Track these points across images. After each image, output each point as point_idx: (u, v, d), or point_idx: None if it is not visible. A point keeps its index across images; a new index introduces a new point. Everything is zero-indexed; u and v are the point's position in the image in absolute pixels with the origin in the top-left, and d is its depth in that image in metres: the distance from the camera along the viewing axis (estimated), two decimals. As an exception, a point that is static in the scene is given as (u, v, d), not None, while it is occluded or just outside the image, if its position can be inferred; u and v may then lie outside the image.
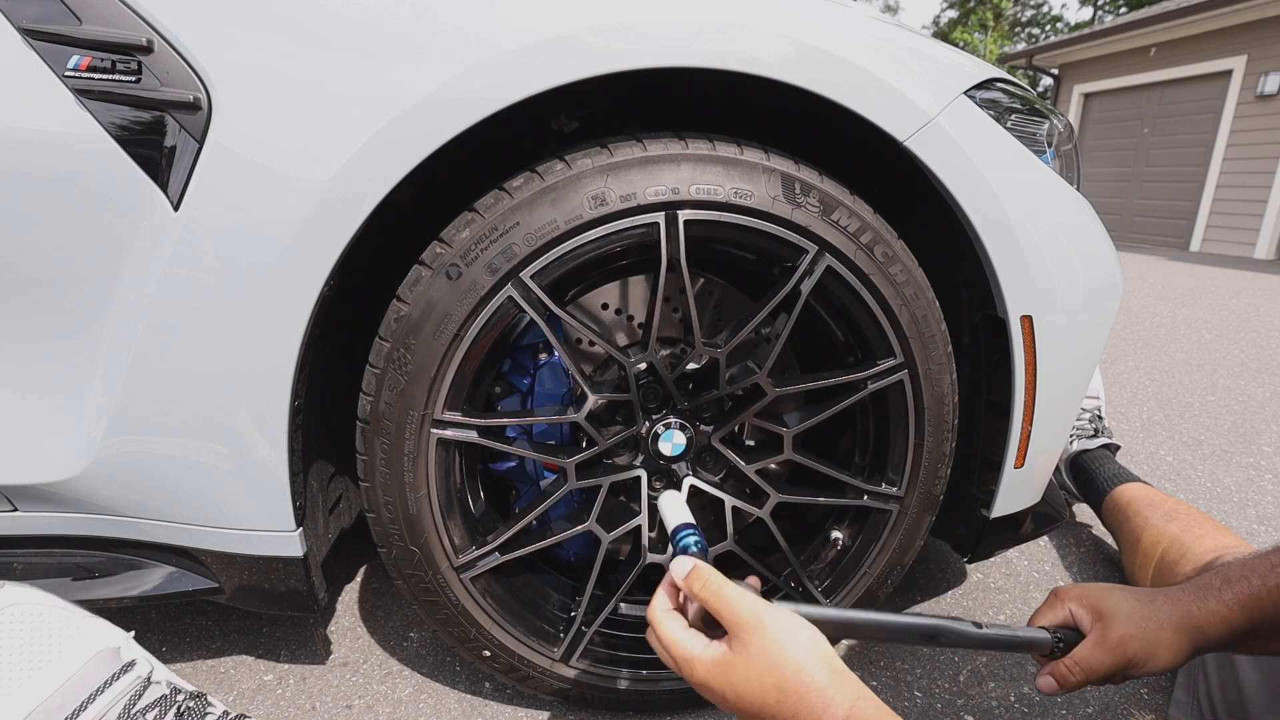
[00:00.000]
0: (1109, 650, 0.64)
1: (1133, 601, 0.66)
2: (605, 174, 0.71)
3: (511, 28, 0.66)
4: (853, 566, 0.92)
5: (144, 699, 0.69)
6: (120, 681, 0.69)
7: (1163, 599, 0.66)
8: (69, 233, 0.68)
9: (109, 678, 0.69)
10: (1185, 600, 0.65)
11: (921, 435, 0.85)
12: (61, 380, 0.73)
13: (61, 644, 0.69)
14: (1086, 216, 0.88)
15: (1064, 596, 0.70)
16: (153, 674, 0.72)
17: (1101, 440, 1.44)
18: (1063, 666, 0.66)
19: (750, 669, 0.52)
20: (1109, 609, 0.66)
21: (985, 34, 28.76)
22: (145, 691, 0.70)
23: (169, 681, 0.73)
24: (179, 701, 0.71)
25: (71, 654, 0.68)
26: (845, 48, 0.72)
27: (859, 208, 0.77)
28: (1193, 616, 0.64)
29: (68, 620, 0.71)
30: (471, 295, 0.71)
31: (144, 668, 0.72)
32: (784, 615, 0.55)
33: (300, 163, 0.66)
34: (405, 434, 0.74)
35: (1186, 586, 0.67)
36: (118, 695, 0.68)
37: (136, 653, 0.73)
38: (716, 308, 0.95)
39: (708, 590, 0.56)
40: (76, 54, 0.65)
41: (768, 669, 0.52)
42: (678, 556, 0.62)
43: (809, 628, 0.55)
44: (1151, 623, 0.65)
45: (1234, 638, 0.64)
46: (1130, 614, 0.65)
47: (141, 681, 0.70)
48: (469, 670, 0.99)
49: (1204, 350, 3.06)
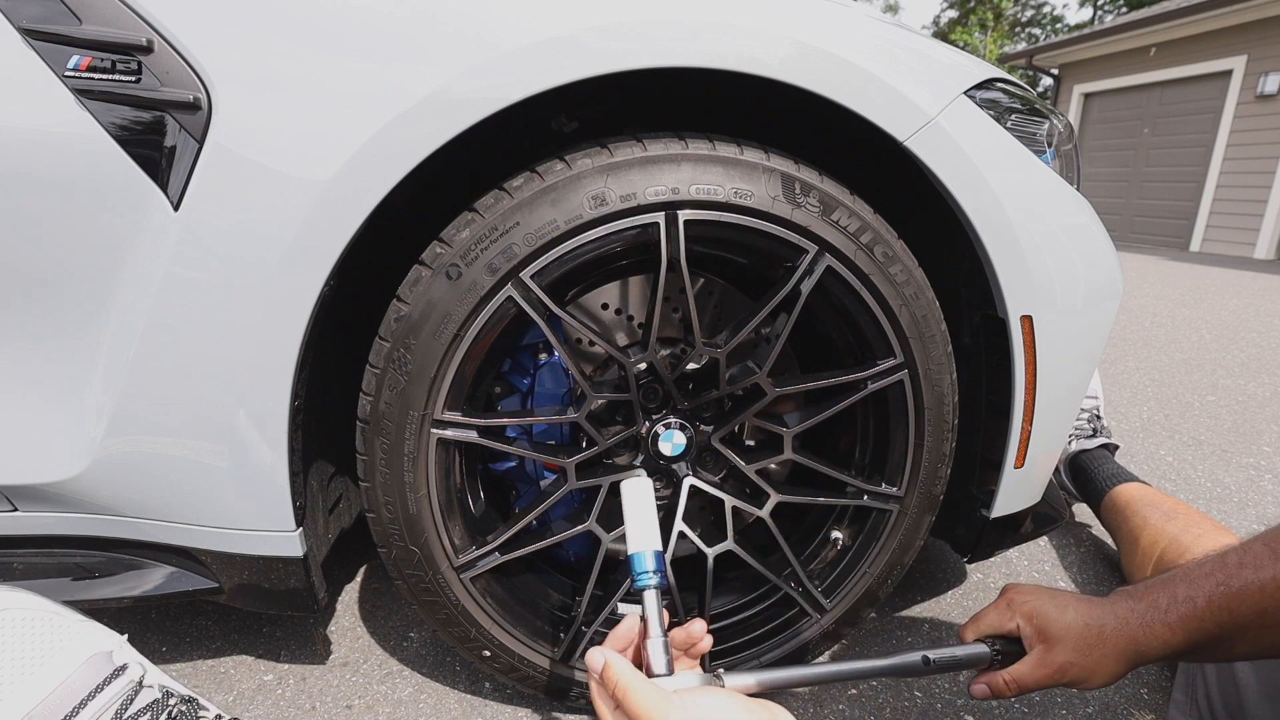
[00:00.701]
0: (1048, 673, 0.67)
1: (1080, 627, 0.67)
2: (605, 174, 0.71)
3: (511, 28, 0.66)
4: (853, 566, 0.92)
5: (136, 703, 0.69)
6: (112, 686, 0.69)
7: (1112, 623, 0.66)
8: (69, 233, 0.68)
9: (100, 682, 0.68)
10: (1133, 624, 0.65)
11: (921, 435, 0.85)
12: (62, 380, 0.73)
13: (54, 649, 0.68)
14: (1086, 216, 0.88)
15: (1015, 607, 0.71)
16: (145, 678, 0.72)
17: (1100, 440, 1.44)
18: (1000, 679, 0.69)
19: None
20: (1056, 633, 0.67)
21: (985, 34, 28.76)
22: (137, 696, 0.70)
23: (161, 685, 0.73)
24: (171, 706, 0.71)
25: (64, 659, 0.68)
26: (845, 48, 0.72)
27: (859, 208, 0.77)
28: (1136, 641, 0.65)
29: (61, 625, 0.71)
30: (471, 295, 0.71)
31: (136, 671, 0.72)
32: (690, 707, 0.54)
33: (300, 163, 0.66)
34: (405, 434, 0.74)
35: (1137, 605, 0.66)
36: (109, 700, 0.68)
37: (129, 656, 0.73)
38: (716, 308, 0.95)
39: (620, 691, 0.56)
40: (76, 54, 0.65)
41: None
42: (591, 649, 0.62)
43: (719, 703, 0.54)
44: (1095, 651, 0.66)
45: (1171, 657, 0.65)
46: (1076, 642, 0.66)
47: (134, 686, 0.70)
48: (469, 670, 0.99)
49: (1204, 350, 3.06)
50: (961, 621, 1.11)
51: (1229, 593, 0.60)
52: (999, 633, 0.73)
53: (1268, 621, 0.59)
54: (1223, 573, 0.62)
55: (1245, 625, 0.60)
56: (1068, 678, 0.67)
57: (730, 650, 0.91)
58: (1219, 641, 0.62)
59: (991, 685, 0.70)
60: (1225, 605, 0.60)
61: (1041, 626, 0.69)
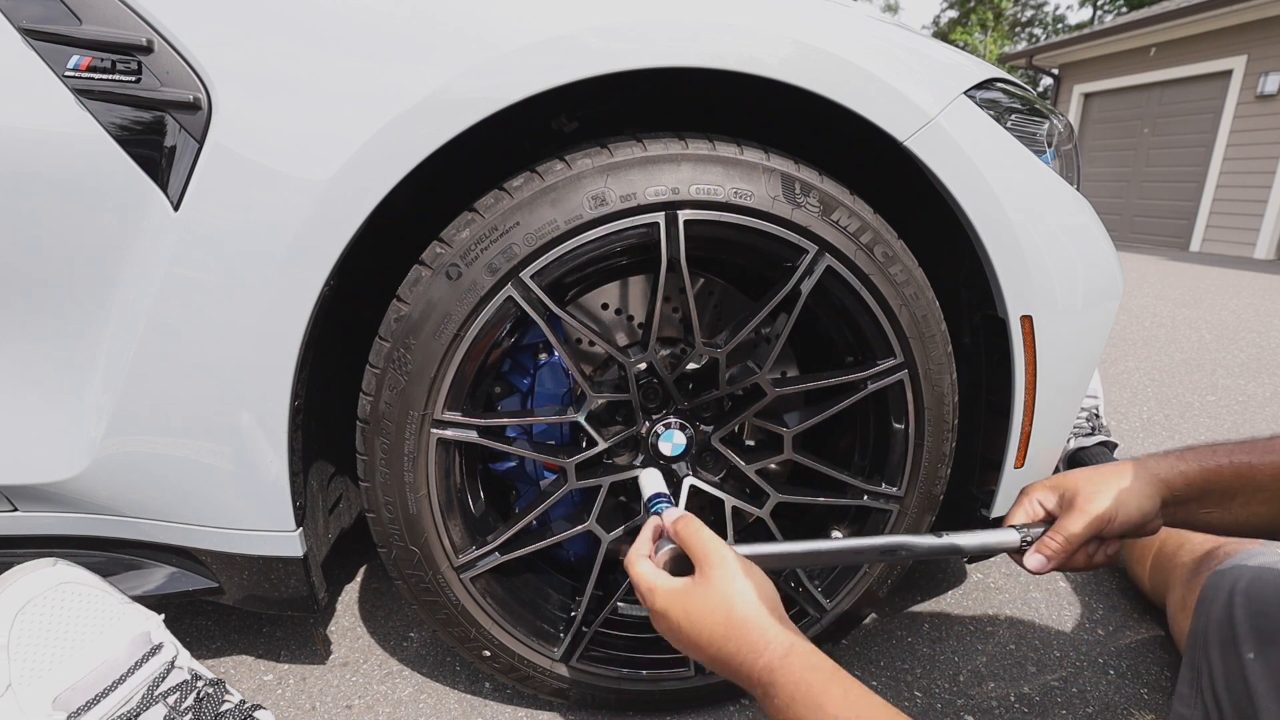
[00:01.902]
0: (1080, 512, 0.69)
1: (1092, 472, 0.72)
2: (605, 174, 0.71)
3: (511, 28, 0.66)
4: (853, 566, 0.92)
5: (167, 682, 0.73)
6: (148, 665, 0.73)
7: (1126, 464, 0.72)
8: (69, 233, 0.68)
9: (138, 660, 0.73)
10: (1149, 462, 0.71)
11: (921, 435, 0.85)
12: (62, 380, 0.73)
13: (101, 625, 0.73)
14: (1086, 216, 0.88)
15: (1030, 491, 0.75)
16: (177, 658, 0.76)
17: (1099, 438, 1.45)
18: (1045, 539, 0.70)
19: (706, 600, 0.58)
20: (1072, 485, 0.71)
21: (985, 34, 28.76)
22: (169, 674, 0.74)
23: (190, 668, 0.77)
24: (199, 687, 0.75)
25: (109, 636, 0.73)
26: (845, 48, 0.72)
27: (859, 208, 0.77)
28: (1154, 470, 0.70)
29: (109, 603, 0.75)
30: (471, 295, 0.71)
31: (170, 652, 0.76)
32: (745, 563, 0.61)
33: (300, 163, 0.66)
34: (405, 434, 0.74)
35: (1152, 455, 0.73)
36: (144, 678, 0.72)
37: (164, 637, 0.77)
38: (716, 308, 0.95)
39: (689, 530, 0.63)
40: (76, 54, 0.65)
41: (722, 602, 0.57)
42: (669, 507, 0.69)
43: (765, 579, 0.61)
44: (1113, 479, 0.70)
45: (1191, 492, 0.69)
46: (1091, 479, 0.71)
47: (166, 665, 0.74)
48: (469, 670, 0.99)
49: (1204, 350, 3.06)
50: (961, 621, 1.11)
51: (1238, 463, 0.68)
52: (1032, 520, 0.73)
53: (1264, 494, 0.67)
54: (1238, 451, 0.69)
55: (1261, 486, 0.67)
56: (1100, 510, 0.68)
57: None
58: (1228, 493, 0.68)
59: (1040, 550, 0.69)
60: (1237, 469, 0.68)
61: (1058, 485, 0.72)
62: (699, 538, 0.63)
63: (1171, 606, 1.00)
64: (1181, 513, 0.71)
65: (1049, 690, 0.97)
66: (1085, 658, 1.04)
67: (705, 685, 0.90)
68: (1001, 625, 1.11)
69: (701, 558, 0.61)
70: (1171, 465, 0.71)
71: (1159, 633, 1.08)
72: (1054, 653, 1.05)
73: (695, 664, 0.89)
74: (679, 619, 0.59)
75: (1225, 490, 0.69)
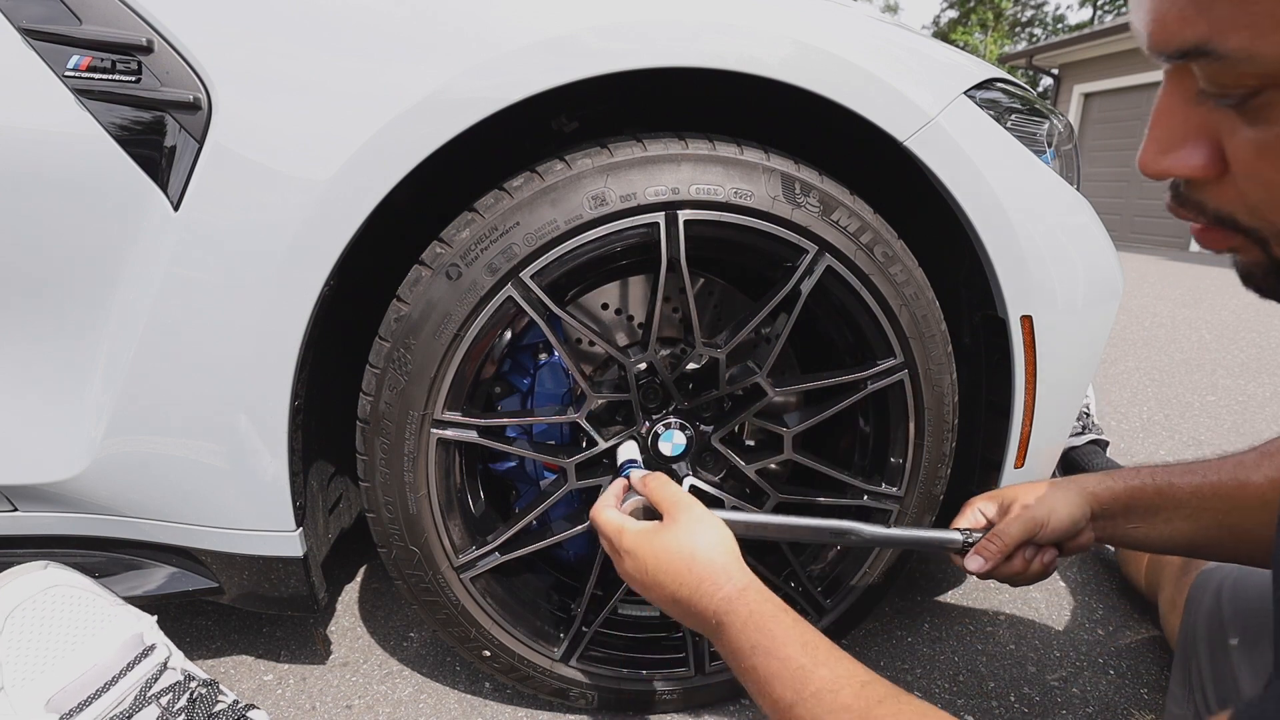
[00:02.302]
0: (1015, 518, 0.73)
1: (1030, 485, 0.77)
2: (605, 174, 0.71)
3: (511, 28, 0.66)
4: (853, 567, 0.92)
5: (160, 683, 0.73)
6: (140, 666, 0.73)
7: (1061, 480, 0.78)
8: (69, 233, 0.68)
9: (130, 662, 0.73)
10: (1081, 479, 0.77)
11: (921, 435, 0.85)
12: (62, 380, 0.73)
13: (92, 628, 0.73)
14: (1086, 216, 0.88)
15: (973, 501, 0.79)
16: (170, 660, 0.76)
17: (1089, 436, 1.45)
18: (983, 541, 0.74)
19: (674, 539, 0.62)
20: (1011, 495, 0.77)
21: (985, 34, 28.77)
22: (161, 676, 0.74)
23: (184, 669, 0.76)
24: (192, 688, 0.74)
25: (101, 638, 0.73)
26: (845, 48, 0.72)
27: (859, 208, 0.77)
28: (1085, 485, 0.76)
29: (100, 605, 0.75)
30: (471, 295, 0.71)
31: (162, 653, 0.76)
32: (709, 513, 0.66)
33: (300, 163, 0.66)
34: (405, 434, 0.74)
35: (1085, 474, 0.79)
36: (137, 679, 0.72)
37: (157, 638, 0.77)
38: (716, 308, 0.94)
39: (654, 483, 0.68)
40: (76, 54, 0.65)
41: (688, 541, 0.62)
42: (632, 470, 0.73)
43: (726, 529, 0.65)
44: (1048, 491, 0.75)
45: (1118, 506, 0.75)
46: (1028, 490, 0.76)
47: (159, 666, 0.74)
48: (469, 670, 0.99)
49: (1204, 350, 3.06)
50: (961, 621, 1.11)
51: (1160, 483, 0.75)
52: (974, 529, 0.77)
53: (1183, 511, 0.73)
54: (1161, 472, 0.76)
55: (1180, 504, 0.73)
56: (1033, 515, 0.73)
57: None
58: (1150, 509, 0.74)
59: (980, 551, 0.73)
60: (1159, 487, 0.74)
61: (1005, 501, 0.77)
62: (666, 489, 0.67)
63: (1163, 606, 1.01)
64: (1110, 526, 0.76)
65: (1049, 690, 0.97)
66: (1085, 658, 1.04)
67: (705, 685, 0.90)
68: (1001, 625, 1.11)
69: (670, 505, 0.65)
70: (1100, 481, 0.77)
71: (1158, 633, 1.08)
72: (1054, 653, 1.05)
73: (695, 663, 0.89)
74: (646, 557, 0.63)
75: (1148, 507, 0.74)
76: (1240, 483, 0.70)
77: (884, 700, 0.49)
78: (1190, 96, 0.35)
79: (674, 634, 0.92)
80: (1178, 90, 0.35)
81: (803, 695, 0.52)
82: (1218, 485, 0.71)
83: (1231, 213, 0.36)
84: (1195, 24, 0.31)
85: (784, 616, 0.57)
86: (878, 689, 0.51)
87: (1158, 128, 0.36)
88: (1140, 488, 0.75)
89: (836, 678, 0.52)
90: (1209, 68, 0.32)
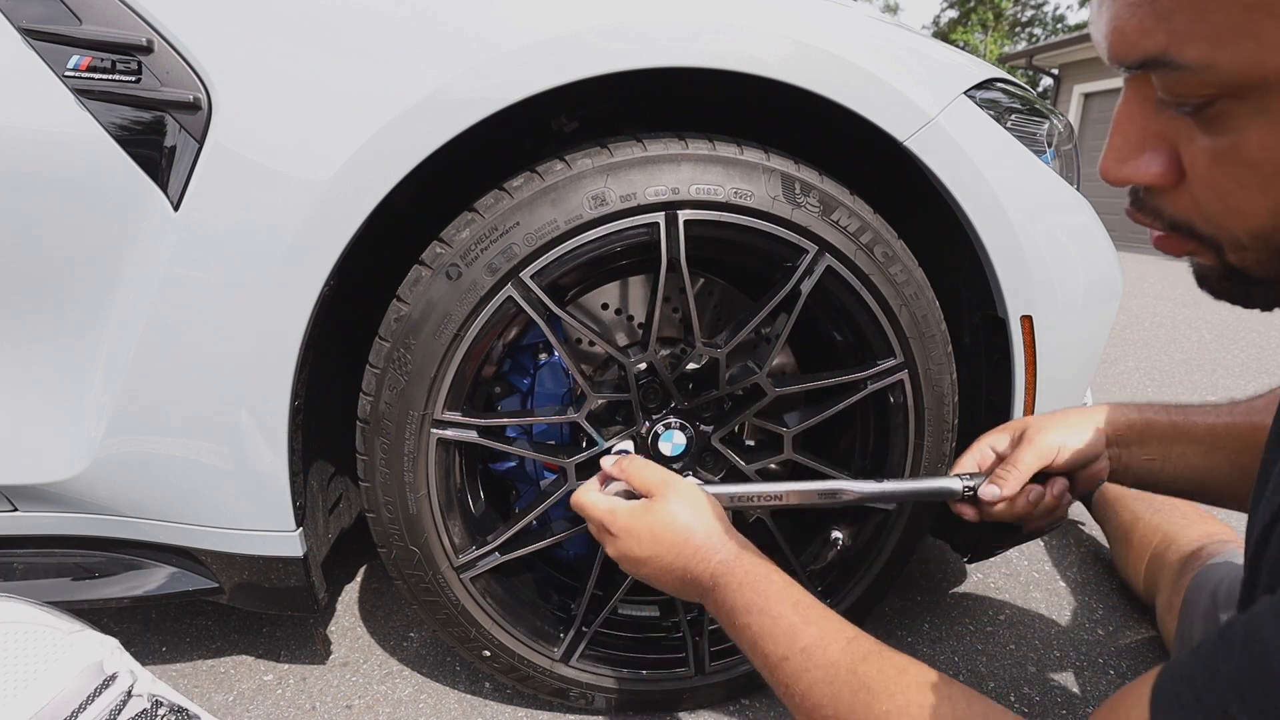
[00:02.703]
0: (1030, 443, 0.71)
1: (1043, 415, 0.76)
2: (605, 174, 0.71)
3: (511, 28, 0.66)
4: (853, 566, 0.92)
5: (125, 712, 0.70)
6: (102, 698, 0.69)
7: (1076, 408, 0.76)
8: (69, 233, 0.68)
9: (90, 693, 0.69)
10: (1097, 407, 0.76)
11: (921, 435, 0.85)
12: (62, 380, 0.73)
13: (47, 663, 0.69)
14: (1086, 216, 0.88)
15: (983, 437, 0.77)
16: (134, 686, 0.73)
17: None
18: (997, 471, 0.72)
19: (666, 513, 0.65)
20: (1022, 424, 0.75)
21: (985, 34, 28.77)
22: (126, 705, 0.71)
23: (152, 694, 0.73)
24: (159, 716, 0.72)
25: (57, 673, 0.69)
26: (845, 48, 0.72)
27: (859, 208, 0.77)
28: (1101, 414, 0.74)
29: (54, 638, 0.71)
30: (471, 295, 0.71)
31: (125, 680, 0.72)
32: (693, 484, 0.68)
33: (300, 163, 0.66)
34: (405, 434, 0.74)
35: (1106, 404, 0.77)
36: (100, 711, 0.69)
37: (119, 664, 0.73)
38: (716, 308, 0.94)
39: (634, 466, 0.69)
40: (76, 54, 0.65)
41: (682, 513, 0.64)
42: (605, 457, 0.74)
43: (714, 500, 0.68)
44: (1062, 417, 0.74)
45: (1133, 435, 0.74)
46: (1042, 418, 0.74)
47: (122, 696, 0.71)
48: (469, 670, 0.99)
49: (1204, 350, 3.06)
50: (961, 621, 1.11)
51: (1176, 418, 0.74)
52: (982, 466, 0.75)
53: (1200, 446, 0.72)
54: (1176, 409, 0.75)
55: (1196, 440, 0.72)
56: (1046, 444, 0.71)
57: (730, 650, 0.90)
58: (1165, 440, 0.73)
59: (996, 481, 0.71)
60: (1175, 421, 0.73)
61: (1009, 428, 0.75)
62: (646, 470, 0.69)
63: (1160, 609, 1.01)
64: (1125, 456, 0.74)
65: (1049, 690, 0.97)
66: (1085, 658, 1.04)
67: (705, 685, 0.90)
68: (1001, 625, 1.11)
69: (655, 484, 0.67)
70: (1117, 409, 0.75)
71: (1157, 633, 1.08)
72: (1054, 653, 1.05)
73: (695, 664, 0.89)
74: (642, 532, 0.65)
75: (1164, 437, 0.73)
76: (1254, 425, 0.69)
77: (868, 656, 0.52)
78: (1149, 105, 0.35)
79: (674, 634, 0.92)
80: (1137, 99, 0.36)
81: (793, 650, 0.54)
82: (1232, 425, 0.71)
83: (1188, 219, 0.37)
84: (1154, 35, 0.31)
85: (776, 578, 0.60)
86: (863, 644, 0.53)
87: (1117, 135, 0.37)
88: (1155, 419, 0.74)
89: (825, 634, 0.54)
90: (1167, 78, 0.32)
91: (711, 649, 0.88)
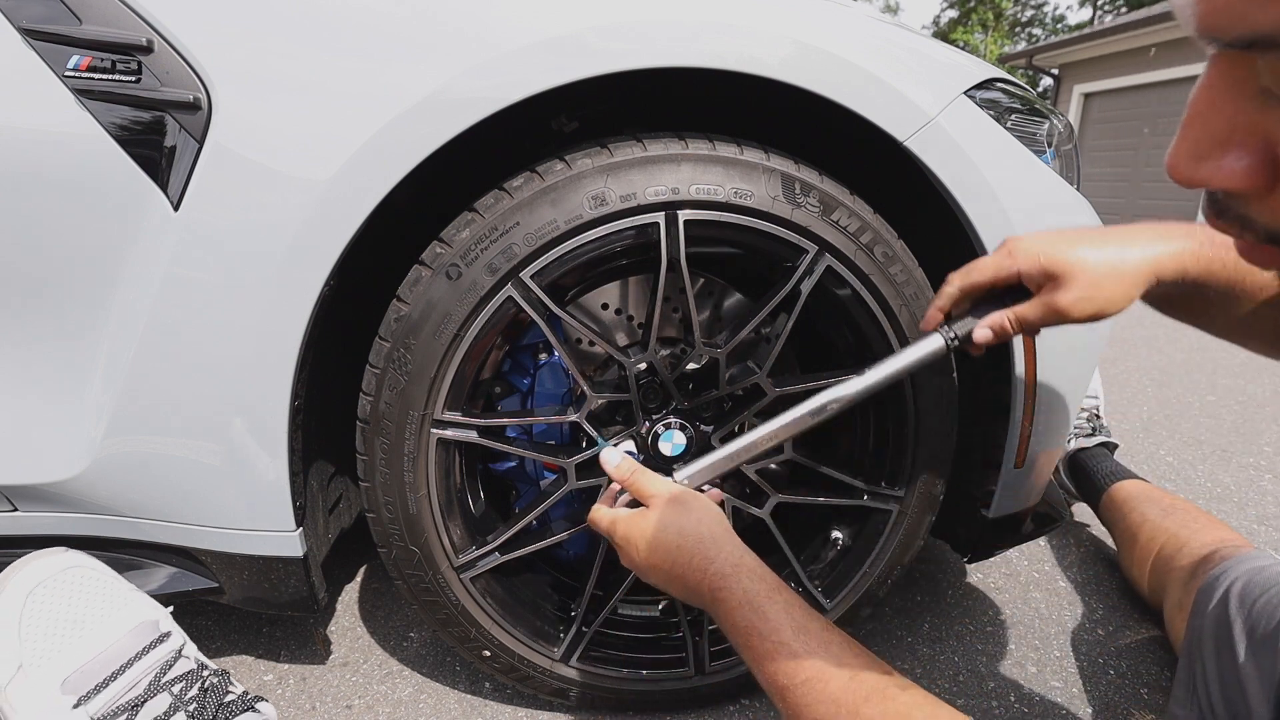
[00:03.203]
0: (1054, 311, 0.63)
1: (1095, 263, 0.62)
2: (605, 174, 0.71)
3: (511, 28, 0.66)
4: (853, 566, 0.92)
5: (173, 670, 0.74)
6: (155, 651, 0.74)
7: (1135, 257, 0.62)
8: (69, 233, 0.68)
9: (145, 646, 0.73)
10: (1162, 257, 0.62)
11: (921, 435, 0.85)
12: (62, 380, 0.73)
13: (109, 610, 0.74)
14: (1086, 216, 0.87)
15: (1017, 253, 0.65)
16: (184, 648, 0.77)
17: (1099, 439, 1.45)
18: (1004, 317, 0.65)
19: (657, 520, 0.66)
20: (1067, 271, 0.62)
21: (985, 34, 28.78)
22: (175, 663, 0.74)
23: (196, 658, 0.77)
24: (204, 677, 0.75)
25: (116, 622, 0.73)
26: (845, 48, 0.72)
27: (859, 208, 0.77)
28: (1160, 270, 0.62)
29: (117, 589, 0.76)
30: (471, 295, 0.71)
31: (177, 641, 0.76)
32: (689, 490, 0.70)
33: (300, 163, 0.66)
34: (405, 434, 0.74)
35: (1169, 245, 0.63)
36: (150, 665, 0.73)
37: (171, 626, 0.77)
38: (716, 308, 0.94)
39: (634, 476, 0.71)
40: (76, 54, 0.65)
41: (671, 519, 0.65)
42: (606, 450, 0.76)
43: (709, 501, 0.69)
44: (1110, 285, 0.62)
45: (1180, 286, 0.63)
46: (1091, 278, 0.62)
47: (173, 653, 0.75)
48: (469, 670, 0.99)
49: (1204, 350, 3.06)
50: (961, 621, 1.11)
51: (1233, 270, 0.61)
52: (998, 278, 0.66)
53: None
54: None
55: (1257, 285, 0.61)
56: (1076, 313, 0.62)
57: (730, 650, 0.91)
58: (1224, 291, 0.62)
59: (994, 326, 0.65)
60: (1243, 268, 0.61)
61: (1049, 265, 0.63)
62: (639, 479, 0.71)
63: (1169, 609, 1.00)
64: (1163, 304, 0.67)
65: (1049, 690, 0.97)
66: (1085, 658, 1.04)
67: (705, 685, 0.90)
68: (1001, 625, 1.11)
69: (647, 494, 0.69)
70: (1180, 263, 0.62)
71: (1158, 633, 1.08)
72: (1054, 653, 1.05)
73: (695, 664, 0.89)
74: (639, 541, 0.66)
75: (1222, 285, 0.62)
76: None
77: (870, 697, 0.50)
78: (1244, 92, 0.28)
79: (674, 634, 0.92)
80: (1225, 84, 0.28)
81: (794, 681, 0.54)
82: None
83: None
84: (1270, 6, 0.23)
85: (777, 597, 0.59)
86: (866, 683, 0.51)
87: (1195, 127, 0.30)
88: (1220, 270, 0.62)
89: (825, 668, 0.53)
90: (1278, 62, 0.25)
91: (712, 649, 0.88)
